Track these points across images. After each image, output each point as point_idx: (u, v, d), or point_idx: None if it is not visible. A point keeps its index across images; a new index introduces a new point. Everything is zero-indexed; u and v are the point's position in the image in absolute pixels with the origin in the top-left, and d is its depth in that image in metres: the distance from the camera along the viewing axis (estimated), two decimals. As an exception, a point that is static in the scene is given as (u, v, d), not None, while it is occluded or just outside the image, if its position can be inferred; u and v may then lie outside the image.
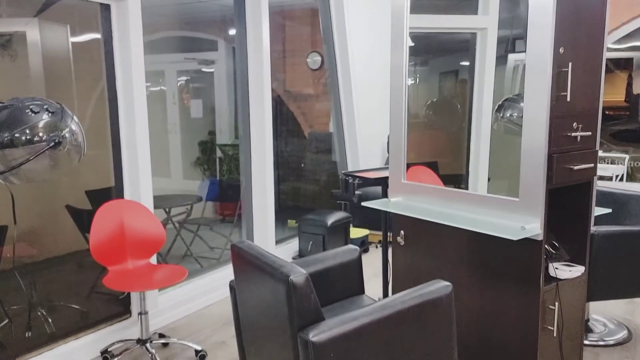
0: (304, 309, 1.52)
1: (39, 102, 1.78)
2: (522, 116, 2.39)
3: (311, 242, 4.10)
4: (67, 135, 1.78)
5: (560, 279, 2.05)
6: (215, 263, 3.97)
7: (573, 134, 1.96)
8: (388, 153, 5.31)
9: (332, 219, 4.09)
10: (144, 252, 2.76)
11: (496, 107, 2.41)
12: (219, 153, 5.49)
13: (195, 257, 4.07)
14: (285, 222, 4.84)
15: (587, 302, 2.53)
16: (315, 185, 5.50)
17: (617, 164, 4.72)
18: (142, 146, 2.93)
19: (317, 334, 1.49)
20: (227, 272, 3.73)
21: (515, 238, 1.85)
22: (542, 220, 1.93)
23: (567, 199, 2.16)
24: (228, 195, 5.04)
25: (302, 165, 5.54)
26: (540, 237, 1.94)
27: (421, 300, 1.67)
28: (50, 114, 1.73)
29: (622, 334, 2.78)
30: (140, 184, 2.95)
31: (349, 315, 1.57)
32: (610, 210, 2.44)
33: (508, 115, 2.37)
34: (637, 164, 5.03)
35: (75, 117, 1.93)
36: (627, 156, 4.81)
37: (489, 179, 2.50)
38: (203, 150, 5.65)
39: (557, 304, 2.01)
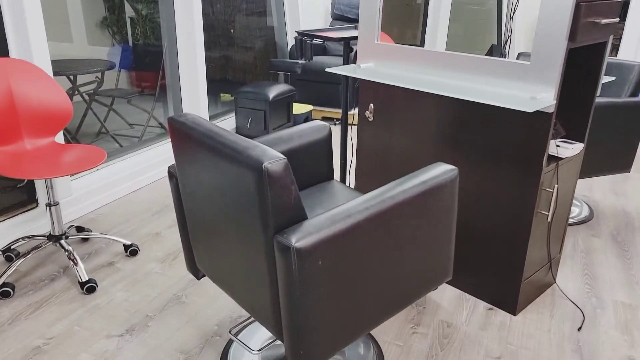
0: (282, 205, 1.11)
1: None
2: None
3: (250, 119, 3.61)
4: None
5: (560, 158, 1.79)
6: (137, 142, 3.40)
7: (605, -21, 1.57)
8: (332, 17, 4.70)
9: (273, 92, 3.58)
10: (46, 128, 2.16)
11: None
12: (129, 12, 4.60)
13: (112, 134, 3.46)
14: (216, 95, 4.24)
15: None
16: (249, 54, 4.84)
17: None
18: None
19: (302, 238, 1.10)
20: (153, 153, 3.21)
21: (530, 110, 1.50)
22: (557, 88, 1.58)
23: (570, 64, 1.83)
24: (146, 64, 4.28)
25: (232, 30, 4.79)
26: (552, 109, 1.61)
27: (425, 188, 1.32)
28: None
29: (584, 211, 2.70)
30: (32, 44, 2.24)
31: (339, 211, 1.19)
32: (614, 78, 2.15)
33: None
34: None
35: None
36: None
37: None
38: (110, 8, 4.71)
39: (555, 186, 1.76)
